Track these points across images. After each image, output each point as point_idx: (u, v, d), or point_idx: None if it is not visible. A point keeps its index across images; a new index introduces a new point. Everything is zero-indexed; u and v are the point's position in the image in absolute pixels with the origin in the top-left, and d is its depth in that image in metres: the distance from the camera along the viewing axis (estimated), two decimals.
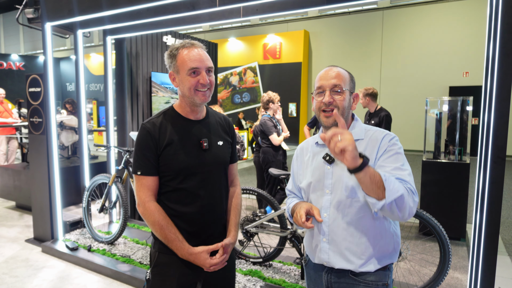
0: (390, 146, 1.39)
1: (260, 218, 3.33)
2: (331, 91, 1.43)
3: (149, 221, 1.51)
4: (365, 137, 1.45)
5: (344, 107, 1.43)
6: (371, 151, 1.40)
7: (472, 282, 2.24)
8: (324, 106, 1.43)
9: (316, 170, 1.49)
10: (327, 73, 1.46)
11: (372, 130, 1.47)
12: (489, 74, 2.11)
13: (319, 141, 1.53)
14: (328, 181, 1.44)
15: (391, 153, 1.38)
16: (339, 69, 1.47)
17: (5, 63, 18.10)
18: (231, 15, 3.26)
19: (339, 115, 1.29)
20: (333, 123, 1.42)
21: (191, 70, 1.49)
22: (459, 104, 4.67)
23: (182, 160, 1.52)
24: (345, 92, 1.43)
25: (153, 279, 1.58)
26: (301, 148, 1.64)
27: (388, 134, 1.43)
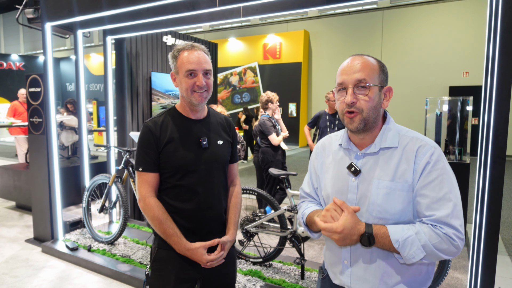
0: (431, 166, 1.15)
1: (260, 218, 3.33)
2: (354, 87, 1.18)
3: (148, 216, 1.56)
4: (399, 145, 1.20)
5: (370, 108, 1.18)
6: (407, 166, 1.16)
7: (472, 282, 2.24)
8: (347, 107, 1.20)
9: (338, 181, 1.28)
10: (350, 65, 1.21)
11: (408, 137, 1.21)
12: (489, 74, 2.10)
13: (343, 144, 1.30)
14: (352, 195, 1.23)
15: (432, 176, 1.14)
16: (366, 58, 1.21)
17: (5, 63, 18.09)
18: (231, 15, 3.26)
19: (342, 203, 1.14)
20: (358, 127, 1.19)
21: (188, 72, 1.54)
22: (459, 104, 4.67)
23: (181, 157, 1.56)
24: (372, 89, 1.18)
25: (152, 274, 1.62)
26: (323, 146, 1.41)
27: (424, 146, 1.17)
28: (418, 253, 1.09)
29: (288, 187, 3.31)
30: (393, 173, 1.17)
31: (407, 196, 1.15)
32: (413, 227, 1.13)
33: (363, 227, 1.13)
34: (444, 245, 1.09)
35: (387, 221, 1.17)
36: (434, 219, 1.11)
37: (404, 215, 1.16)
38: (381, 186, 1.17)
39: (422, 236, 1.10)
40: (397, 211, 1.16)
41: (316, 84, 15.75)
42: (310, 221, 1.34)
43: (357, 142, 1.27)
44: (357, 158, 1.26)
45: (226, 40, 16.98)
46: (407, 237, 1.10)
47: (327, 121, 5.06)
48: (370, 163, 1.23)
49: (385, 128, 1.24)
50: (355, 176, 1.23)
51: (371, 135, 1.24)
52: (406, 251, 1.09)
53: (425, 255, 1.10)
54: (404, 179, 1.16)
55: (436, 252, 1.10)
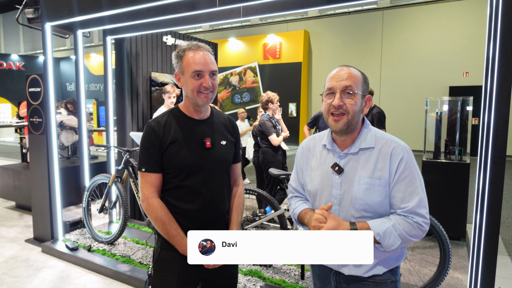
0: (403, 165, 1.34)
1: (260, 218, 3.33)
2: (342, 93, 1.36)
3: (151, 217, 1.55)
4: (376, 145, 1.39)
5: (355, 111, 1.36)
6: (383, 165, 1.35)
7: (472, 282, 2.24)
8: (333, 109, 1.37)
9: (323, 178, 1.44)
10: (338, 73, 1.38)
11: (383, 139, 1.40)
12: (489, 74, 2.10)
13: (327, 145, 1.47)
14: (336, 191, 1.40)
15: (405, 174, 1.33)
16: (352, 69, 1.39)
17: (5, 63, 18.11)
18: (231, 15, 3.26)
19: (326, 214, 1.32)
20: (342, 128, 1.36)
21: (195, 72, 1.53)
22: (459, 104, 4.67)
23: (184, 158, 1.55)
24: (356, 95, 1.36)
25: (155, 275, 1.61)
26: (308, 147, 1.57)
27: (397, 148, 1.36)
28: (396, 241, 1.30)
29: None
30: (372, 171, 1.36)
31: (384, 190, 1.35)
32: (389, 220, 1.32)
33: (348, 225, 1.31)
34: (415, 231, 1.31)
35: (367, 212, 1.35)
36: (407, 210, 1.32)
37: (382, 207, 1.36)
38: (362, 182, 1.36)
39: (397, 227, 1.30)
40: (376, 203, 1.35)
41: (316, 84, 15.75)
42: (301, 221, 1.52)
43: (339, 143, 1.45)
44: (340, 158, 1.43)
45: (226, 40, 16.98)
46: (386, 229, 1.29)
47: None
48: (351, 162, 1.40)
49: (364, 131, 1.43)
50: (339, 174, 1.40)
51: (351, 137, 1.42)
52: (386, 241, 1.29)
53: (401, 242, 1.31)
54: (381, 176, 1.35)
55: (409, 238, 1.31)
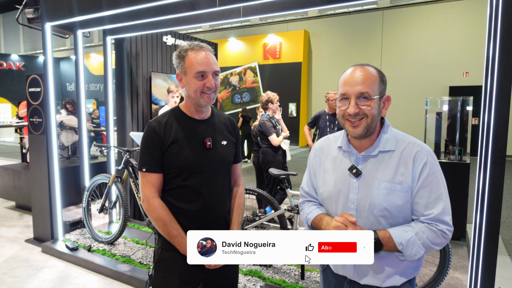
0: (427, 170, 1.26)
1: (260, 218, 3.33)
2: (357, 99, 1.26)
3: (152, 217, 1.55)
4: (397, 148, 1.30)
5: (373, 115, 1.27)
6: (405, 169, 1.27)
7: (472, 282, 2.24)
8: (349, 116, 1.28)
9: (339, 181, 1.35)
10: (352, 77, 1.27)
11: (404, 141, 1.31)
12: (489, 74, 2.10)
13: (343, 147, 1.38)
14: (353, 195, 1.32)
15: (429, 179, 1.25)
16: (367, 69, 1.28)
17: (5, 63, 18.11)
18: (231, 15, 3.26)
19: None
20: (361, 133, 1.27)
21: (199, 73, 1.52)
22: (459, 104, 4.67)
23: (186, 158, 1.55)
24: (373, 100, 1.26)
25: (156, 275, 1.61)
26: (321, 148, 1.47)
27: (420, 152, 1.27)
28: (419, 250, 1.23)
29: (288, 187, 3.31)
30: (393, 175, 1.27)
31: (405, 196, 1.26)
32: (412, 228, 1.25)
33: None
34: (439, 240, 1.25)
35: (387, 218, 1.28)
36: (431, 218, 1.24)
37: (402, 212, 1.28)
38: (382, 187, 1.27)
39: (421, 235, 1.23)
40: (396, 209, 1.27)
41: (316, 84, 15.75)
42: (316, 227, 1.42)
43: (356, 145, 1.36)
44: (357, 160, 1.34)
45: (226, 40, 16.98)
46: (409, 238, 1.22)
47: (327, 121, 5.06)
48: (370, 165, 1.32)
49: (383, 133, 1.34)
50: (356, 177, 1.31)
51: (370, 139, 1.33)
52: (409, 251, 1.22)
53: (424, 251, 1.24)
54: (402, 181, 1.26)
55: (433, 246, 1.25)
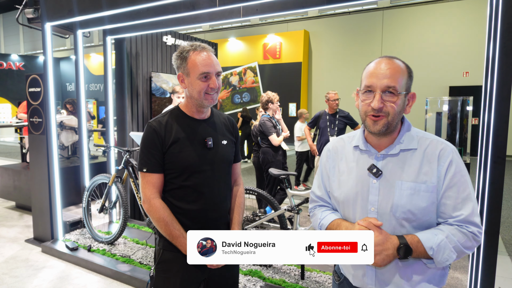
0: (453, 168, 1.18)
1: (260, 218, 3.33)
2: (382, 93, 1.17)
3: (154, 218, 1.54)
4: (419, 147, 1.22)
5: (396, 113, 1.18)
6: (429, 168, 1.19)
7: (472, 282, 2.24)
8: (371, 111, 1.19)
9: (357, 183, 1.26)
10: (379, 68, 1.19)
11: (427, 139, 1.23)
12: (489, 74, 2.10)
13: (360, 145, 1.29)
14: (373, 197, 1.22)
15: (456, 178, 1.17)
16: (396, 62, 1.20)
17: (5, 63, 18.11)
18: (231, 15, 3.26)
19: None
20: (381, 130, 1.19)
21: (203, 74, 1.52)
22: (459, 104, 4.67)
23: (187, 158, 1.55)
24: (399, 96, 1.18)
25: (157, 276, 1.61)
26: (335, 149, 1.38)
27: (445, 149, 1.20)
28: (451, 255, 1.14)
29: (288, 187, 3.31)
30: (416, 175, 1.19)
31: (431, 196, 1.18)
32: (441, 231, 1.16)
33: (396, 239, 1.15)
34: (470, 243, 1.15)
35: (410, 221, 1.18)
36: (461, 220, 1.16)
37: (427, 214, 1.18)
38: (405, 187, 1.19)
39: (452, 238, 1.14)
40: (421, 211, 1.17)
41: (316, 84, 15.75)
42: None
43: (375, 143, 1.27)
44: (377, 159, 1.25)
45: (226, 40, 16.98)
46: (439, 242, 1.13)
47: (327, 121, 5.06)
48: (391, 164, 1.23)
49: (404, 130, 1.25)
50: (377, 177, 1.22)
51: (390, 137, 1.25)
52: (440, 256, 1.13)
53: (456, 256, 1.15)
54: (427, 180, 1.18)
55: (464, 251, 1.15)
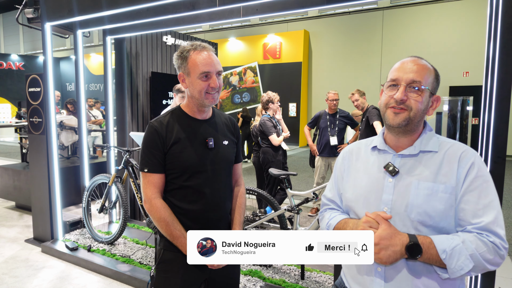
0: (475, 172, 1.11)
1: (260, 218, 3.33)
2: (407, 86, 1.15)
3: (155, 218, 1.54)
4: (440, 150, 1.17)
5: (419, 109, 1.15)
6: (448, 169, 1.13)
7: (472, 282, 2.24)
8: (394, 103, 1.16)
9: (371, 181, 1.22)
10: (407, 64, 1.19)
11: (448, 143, 1.19)
12: (489, 74, 2.10)
13: (378, 145, 1.26)
14: (387, 196, 1.17)
15: (477, 182, 1.10)
16: (424, 62, 1.19)
17: (5, 63, 18.11)
18: (231, 15, 3.26)
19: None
20: (401, 123, 1.15)
21: (203, 74, 1.52)
22: (459, 104, 4.67)
23: (188, 158, 1.55)
24: (424, 92, 1.15)
25: (158, 276, 1.61)
26: (351, 150, 1.35)
27: (467, 152, 1.14)
28: (467, 263, 1.02)
29: (288, 187, 3.31)
30: (435, 175, 1.13)
31: (449, 198, 1.10)
32: (458, 236, 1.06)
33: (406, 237, 1.07)
34: (491, 255, 1.04)
35: (426, 224, 1.11)
36: (481, 227, 1.06)
37: (445, 219, 1.10)
38: (422, 187, 1.13)
39: (469, 245, 1.04)
40: (438, 214, 1.10)
41: (316, 84, 15.75)
42: (340, 230, 1.28)
43: (393, 144, 1.24)
44: (394, 158, 1.21)
45: (226, 40, 16.99)
46: (454, 246, 1.03)
47: (327, 121, 5.06)
48: (409, 164, 1.19)
49: (426, 133, 1.21)
50: (393, 176, 1.17)
51: (409, 138, 1.21)
52: (454, 262, 1.03)
53: (473, 266, 1.03)
54: (446, 181, 1.12)
55: (483, 263, 1.04)
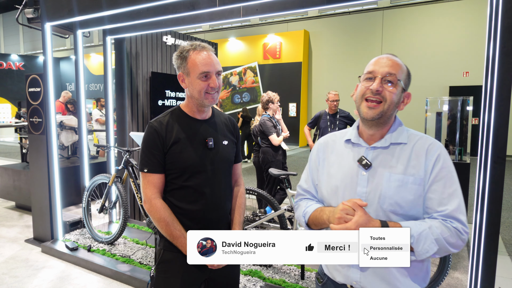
0: (441, 163, 1.21)
1: (260, 218, 3.33)
2: (382, 79, 1.23)
3: (155, 218, 1.54)
4: (409, 142, 1.26)
5: (393, 102, 1.23)
6: (417, 162, 1.22)
7: (472, 282, 2.24)
8: (370, 93, 1.23)
9: (346, 174, 1.28)
10: (382, 59, 1.27)
11: (416, 135, 1.29)
12: (489, 74, 2.10)
13: (352, 139, 1.33)
14: (361, 188, 1.24)
15: (443, 173, 1.20)
16: (398, 60, 1.28)
17: (5, 63, 18.10)
18: (231, 15, 3.26)
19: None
20: (375, 116, 1.23)
21: (203, 74, 1.52)
22: (459, 104, 4.67)
23: (188, 158, 1.55)
24: (398, 86, 1.23)
25: (158, 276, 1.61)
26: (326, 143, 1.41)
27: (434, 145, 1.24)
28: (432, 246, 1.13)
29: (288, 187, 3.31)
30: (405, 168, 1.22)
31: (418, 189, 1.20)
32: (425, 222, 1.16)
33: (378, 223, 1.15)
34: (453, 239, 1.14)
35: (397, 213, 1.20)
36: (446, 214, 1.17)
37: (414, 208, 1.20)
38: (393, 179, 1.21)
39: (435, 230, 1.14)
40: (408, 203, 1.19)
41: (316, 84, 15.75)
42: (315, 221, 1.32)
43: (366, 137, 1.31)
44: (367, 152, 1.29)
45: (226, 40, 16.98)
46: (421, 231, 1.13)
47: (327, 121, 5.07)
48: (380, 157, 1.26)
49: (396, 126, 1.30)
50: (366, 169, 1.25)
51: (381, 131, 1.29)
52: (420, 246, 1.12)
53: (438, 249, 1.14)
54: (415, 173, 1.21)
55: (447, 246, 1.14)
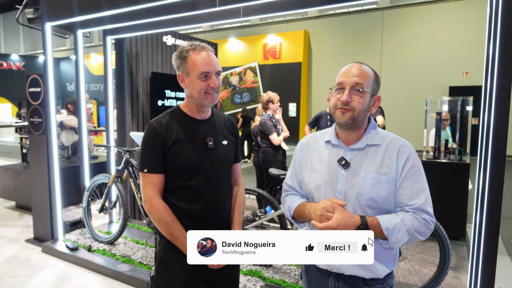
0: (410, 163, 1.34)
1: (260, 218, 3.33)
2: (351, 89, 1.34)
3: (155, 218, 1.54)
4: (382, 143, 1.39)
5: (361, 110, 1.35)
6: (389, 161, 1.35)
7: (472, 282, 2.24)
8: (340, 104, 1.35)
9: (327, 173, 1.41)
10: (350, 69, 1.37)
11: (389, 137, 1.41)
12: (489, 74, 2.11)
13: (332, 140, 1.44)
14: (341, 186, 1.37)
15: (412, 171, 1.34)
16: (364, 67, 1.38)
17: (5, 63, 18.11)
18: (231, 15, 3.26)
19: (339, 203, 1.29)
20: (347, 121, 1.35)
21: (203, 74, 1.52)
22: (459, 104, 4.67)
23: (188, 158, 1.55)
24: (365, 94, 1.35)
25: (158, 276, 1.61)
26: (308, 142, 1.53)
27: (404, 146, 1.38)
28: (403, 237, 1.28)
29: None
30: (379, 167, 1.35)
31: (390, 186, 1.34)
32: (397, 216, 1.31)
33: (358, 219, 1.29)
34: (422, 229, 1.30)
35: (372, 208, 1.34)
36: (416, 208, 1.31)
37: (386, 203, 1.35)
38: (369, 177, 1.35)
39: (406, 222, 1.29)
40: (381, 199, 1.34)
41: (316, 84, 15.75)
42: (298, 214, 1.45)
43: (344, 139, 1.43)
44: (346, 153, 1.41)
45: (226, 40, 16.98)
46: (395, 224, 1.28)
47: (328, 121, 5.07)
48: (358, 157, 1.39)
49: (370, 129, 1.43)
50: (345, 168, 1.38)
51: (357, 134, 1.41)
52: (394, 236, 1.28)
53: (408, 238, 1.29)
54: (388, 172, 1.34)
55: (416, 235, 1.30)
